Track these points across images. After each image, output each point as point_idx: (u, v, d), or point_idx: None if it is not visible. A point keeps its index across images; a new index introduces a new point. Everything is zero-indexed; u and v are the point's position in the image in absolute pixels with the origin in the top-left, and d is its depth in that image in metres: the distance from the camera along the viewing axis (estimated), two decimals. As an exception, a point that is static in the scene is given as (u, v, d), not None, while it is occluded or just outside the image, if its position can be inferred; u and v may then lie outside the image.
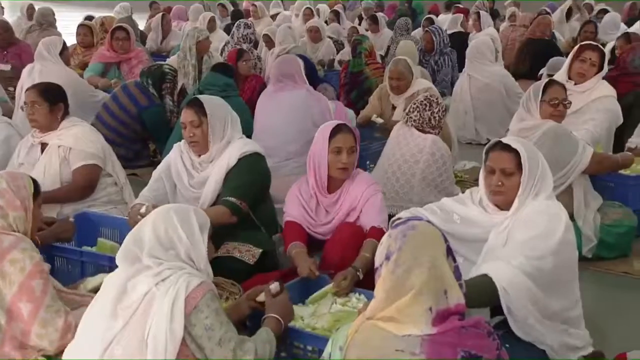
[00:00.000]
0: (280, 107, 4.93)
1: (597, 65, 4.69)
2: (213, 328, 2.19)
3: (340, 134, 3.24)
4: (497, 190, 2.74)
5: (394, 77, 5.38)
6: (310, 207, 3.33)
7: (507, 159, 2.72)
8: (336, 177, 3.28)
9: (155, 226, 2.26)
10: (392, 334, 1.92)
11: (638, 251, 3.99)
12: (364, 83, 6.76)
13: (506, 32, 9.85)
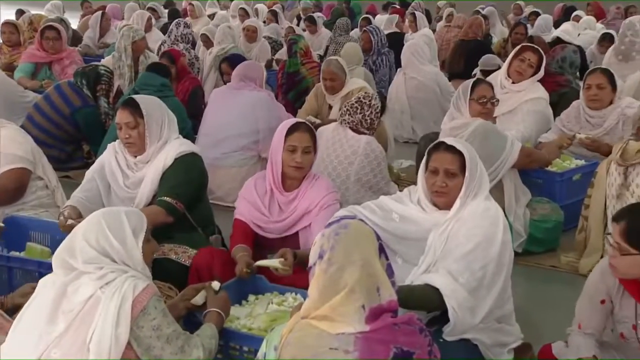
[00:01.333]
0: (238, 103, 5.01)
1: (534, 67, 4.87)
2: (161, 328, 2.20)
3: (297, 132, 3.19)
4: (441, 191, 2.74)
5: (327, 78, 5.44)
6: (264, 203, 3.27)
7: (451, 160, 2.73)
8: (290, 175, 3.24)
9: (86, 236, 2.23)
10: (326, 332, 1.94)
11: (565, 245, 4.11)
12: (301, 83, 6.79)
13: (441, 32, 10.05)
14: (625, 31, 6.89)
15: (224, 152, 4.93)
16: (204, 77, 7.37)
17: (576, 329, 2.59)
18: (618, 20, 10.33)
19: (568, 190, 4.33)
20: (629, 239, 2.32)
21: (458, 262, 2.60)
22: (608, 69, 4.78)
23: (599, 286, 2.53)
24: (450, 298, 2.55)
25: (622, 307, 2.50)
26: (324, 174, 4.27)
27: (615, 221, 2.40)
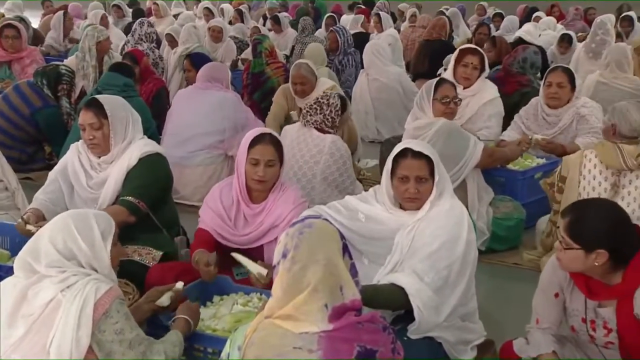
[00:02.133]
0: (204, 102, 4.98)
1: (479, 68, 4.94)
2: (123, 332, 2.17)
3: (260, 145, 3.07)
4: (414, 197, 2.75)
5: (297, 82, 5.43)
6: (230, 215, 3.18)
7: (421, 166, 2.73)
8: (254, 188, 3.15)
9: (52, 239, 2.20)
10: (289, 331, 1.94)
11: (527, 243, 4.18)
12: (266, 83, 6.77)
13: (406, 32, 10.13)
14: (597, 30, 7.07)
15: (190, 150, 4.91)
16: (168, 77, 7.32)
17: (534, 325, 2.63)
18: (577, 21, 10.55)
19: (530, 189, 4.39)
20: (571, 233, 2.36)
21: (423, 262, 2.62)
22: (569, 68, 4.87)
23: (552, 280, 2.58)
24: (416, 297, 2.57)
25: (572, 301, 2.55)
26: (289, 174, 4.29)
27: (562, 216, 2.45)
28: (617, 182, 3.52)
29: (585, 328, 2.52)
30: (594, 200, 2.77)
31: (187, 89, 5.36)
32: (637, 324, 2.39)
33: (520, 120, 4.95)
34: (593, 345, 2.55)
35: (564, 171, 3.69)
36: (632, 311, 2.38)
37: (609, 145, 3.54)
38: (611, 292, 2.42)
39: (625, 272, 2.39)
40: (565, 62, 7.37)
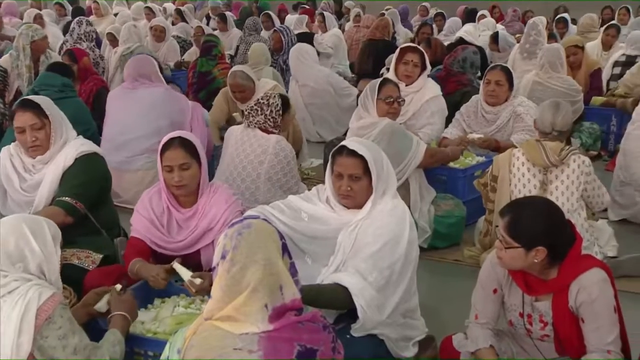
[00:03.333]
0: (136, 103, 4.89)
1: (419, 66, 5.01)
2: (67, 337, 2.14)
3: (170, 150, 3.02)
4: (346, 194, 2.77)
5: (235, 91, 5.43)
6: (162, 222, 3.12)
7: (354, 164, 2.74)
8: (176, 194, 3.10)
9: (3, 239, 2.16)
10: (229, 333, 1.93)
11: (468, 240, 4.26)
12: (213, 83, 6.74)
13: (350, 32, 10.20)
14: (530, 31, 7.24)
15: (127, 155, 4.85)
16: (109, 77, 7.19)
17: (473, 320, 2.68)
18: (515, 22, 10.81)
19: (470, 187, 4.44)
20: (511, 232, 2.42)
21: (366, 261, 2.64)
22: (507, 67, 5.01)
23: (491, 276, 2.63)
24: (359, 297, 2.59)
25: (510, 296, 2.61)
26: (234, 174, 4.27)
27: (501, 216, 2.50)
28: (545, 179, 3.64)
29: (523, 322, 2.59)
30: (530, 199, 2.84)
31: (116, 90, 5.22)
32: (570, 317, 2.46)
33: (461, 118, 5.06)
34: (529, 339, 2.62)
35: (495, 170, 3.80)
36: (567, 304, 2.45)
37: (533, 144, 3.68)
38: (547, 286, 2.49)
39: (560, 267, 2.46)
40: (503, 61, 7.56)
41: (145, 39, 8.12)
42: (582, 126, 5.95)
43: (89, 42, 7.10)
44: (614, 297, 2.46)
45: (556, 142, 3.68)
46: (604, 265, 2.54)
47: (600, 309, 2.40)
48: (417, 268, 2.85)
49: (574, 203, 3.65)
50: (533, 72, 6.08)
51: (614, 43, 7.81)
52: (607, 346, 2.39)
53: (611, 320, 2.41)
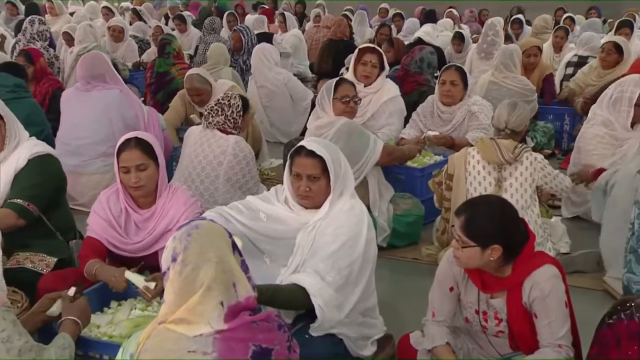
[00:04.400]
0: (89, 106, 4.80)
1: (378, 66, 5.05)
2: (11, 340, 2.09)
3: (126, 151, 2.99)
4: (305, 195, 2.77)
5: (192, 94, 5.39)
6: (120, 223, 3.08)
7: (312, 165, 2.74)
8: (134, 195, 3.07)
9: None
10: (184, 335, 1.91)
11: (426, 238, 4.29)
12: (171, 83, 6.67)
13: (311, 32, 10.23)
14: (487, 31, 7.36)
15: (83, 159, 4.77)
16: (65, 78, 7.07)
17: (430, 318, 2.70)
18: (473, 22, 10.98)
19: (428, 185, 4.52)
20: (467, 232, 2.45)
21: (325, 261, 2.64)
22: (462, 67, 5.07)
23: (447, 274, 2.66)
24: (317, 297, 2.59)
25: (466, 293, 2.64)
26: (192, 175, 4.24)
27: (456, 215, 2.53)
28: (500, 176, 3.71)
29: (478, 319, 2.62)
30: (484, 198, 2.87)
31: (69, 92, 5.08)
32: (524, 313, 2.50)
33: (418, 118, 5.12)
34: (484, 335, 2.66)
35: (450, 169, 3.85)
36: (520, 301, 2.49)
37: (487, 142, 3.76)
38: (502, 284, 2.53)
39: (514, 265, 2.50)
40: (461, 61, 7.66)
41: (103, 39, 8.01)
42: (537, 125, 6.07)
43: (42, 41, 6.97)
44: (566, 292, 2.51)
45: (510, 140, 3.76)
46: (556, 261, 2.59)
47: (552, 305, 2.44)
48: (376, 267, 2.87)
49: (528, 199, 3.72)
50: (489, 72, 6.18)
51: (564, 44, 8.00)
52: (558, 340, 2.43)
53: (563, 315, 2.46)
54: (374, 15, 13.04)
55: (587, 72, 6.35)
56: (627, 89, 4.38)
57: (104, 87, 4.87)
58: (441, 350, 2.61)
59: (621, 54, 6.05)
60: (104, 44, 7.73)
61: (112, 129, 4.77)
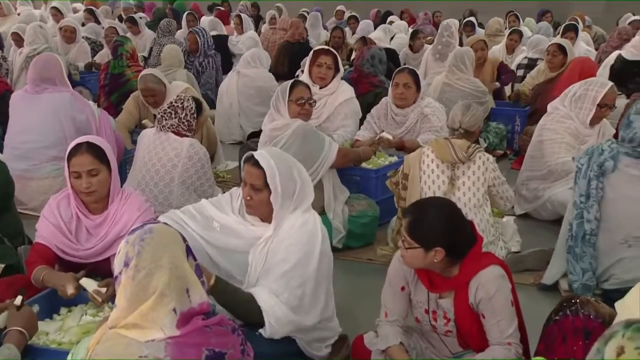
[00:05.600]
0: (39, 109, 4.69)
1: (333, 68, 5.08)
2: None
3: (77, 156, 2.94)
4: (247, 203, 2.76)
5: (147, 95, 5.33)
6: (70, 228, 3.03)
7: (256, 175, 2.71)
8: (86, 200, 3.02)
9: None
10: (135, 340, 1.90)
11: (381, 239, 4.33)
12: (126, 85, 6.59)
13: (267, 34, 10.21)
14: (443, 32, 7.45)
15: (33, 163, 4.66)
16: (14, 80, 6.92)
17: (383, 318, 2.73)
18: (427, 25, 11.11)
19: (383, 186, 4.52)
20: (411, 233, 2.49)
21: (278, 282, 2.64)
22: (414, 70, 5.14)
23: (398, 274, 2.69)
24: (270, 315, 2.61)
25: (416, 293, 2.67)
26: (146, 178, 4.19)
27: (403, 216, 2.57)
28: (453, 175, 3.78)
29: (428, 319, 2.66)
30: (431, 200, 2.90)
31: (19, 94, 4.95)
32: (471, 313, 2.55)
33: (372, 120, 5.17)
34: (435, 334, 2.70)
35: (406, 169, 3.91)
36: (467, 301, 2.54)
37: (442, 142, 3.83)
38: (449, 284, 2.57)
39: (461, 265, 2.54)
40: (417, 62, 7.76)
41: (54, 40, 7.85)
42: (489, 126, 6.18)
43: (-11, 42, 6.82)
44: (512, 291, 2.56)
45: (464, 140, 3.84)
46: (501, 262, 2.64)
47: (499, 304, 2.48)
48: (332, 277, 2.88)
49: (480, 198, 3.79)
50: (443, 73, 6.26)
51: (517, 47, 8.18)
52: (507, 338, 2.48)
53: (510, 314, 2.50)
54: (330, 17, 13.09)
55: (536, 75, 6.52)
56: (592, 88, 4.50)
57: (54, 89, 4.76)
58: (394, 350, 2.64)
59: (566, 55, 6.21)
60: (55, 45, 7.58)
61: (63, 133, 4.67)
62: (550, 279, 3.66)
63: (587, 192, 3.41)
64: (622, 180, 3.38)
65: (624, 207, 3.36)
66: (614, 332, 1.45)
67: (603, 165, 3.40)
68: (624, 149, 3.39)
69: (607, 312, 2.30)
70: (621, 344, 1.41)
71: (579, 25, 8.48)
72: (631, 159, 3.37)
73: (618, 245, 3.38)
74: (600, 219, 3.40)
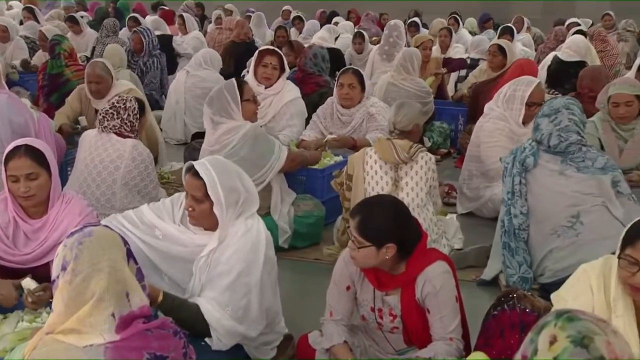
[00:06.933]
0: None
1: (278, 68, 5.10)
2: None
3: (14, 159, 2.85)
4: (189, 214, 2.70)
5: (92, 81, 5.23)
6: (7, 233, 2.93)
7: (196, 186, 2.64)
8: (24, 205, 2.93)
9: None
10: (73, 346, 1.86)
11: (327, 238, 4.33)
12: (66, 85, 6.41)
13: (213, 34, 10.15)
14: (391, 32, 7.52)
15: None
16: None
17: (328, 317, 2.74)
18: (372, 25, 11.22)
19: (329, 186, 4.53)
20: (362, 232, 2.50)
21: (222, 294, 2.60)
22: (359, 70, 5.20)
23: (344, 274, 2.70)
24: (216, 329, 2.58)
25: (362, 292, 2.69)
26: (88, 180, 4.11)
27: (351, 217, 2.58)
28: (396, 176, 3.83)
29: (374, 316, 2.68)
30: (378, 198, 2.93)
31: None
32: (417, 309, 2.58)
33: (318, 120, 5.19)
34: (380, 332, 2.72)
35: (349, 169, 3.94)
36: (414, 297, 2.57)
37: (384, 142, 3.87)
38: (396, 281, 2.60)
39: (408, 262, 2.57)
40: (362, 62, 7.82)
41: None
42: (433, 126, 6.27)
43: None
44: (456, 287, 2.61)
45: (406, 140, 3.88)
46: (447, 257, 2.70)
47: (444, 300, 2.53)
48: (278, 268, 2.87)
49: (423, 198, 3.84)
50: (388, 73, 6.33)
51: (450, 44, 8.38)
52: (449, 334, 2.53)
53: (453, 309, 2.55)
54: (276, 17, 13.08)
55: (478, 74, 6.66)
56: (519, 88, 4.61)
57: None
58: (338, 349, 2.65)
59: (505, 56, 6.35)
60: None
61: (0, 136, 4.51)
62: (489, 275, 3.75)
63: (512, 188, 3.57)
64: (544, 175, 3.56)
65: (549, 199, 3.52)
66: (546, 322, 1.50)
67: (525, 162, 3.58)
68: (542, 147, 3.57)
69: (542, 305, 2.37)
70: (553, 333, 1.46)
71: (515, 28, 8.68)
72: (550, 155, 3.57)
73: (549, 236, 3.51)
74: (530, 213, 3.55)
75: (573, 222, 3.46)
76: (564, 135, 3.52)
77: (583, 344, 1.42)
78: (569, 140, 3.52)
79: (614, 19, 11.11)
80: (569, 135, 3.52)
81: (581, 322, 1.46)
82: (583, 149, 3.55)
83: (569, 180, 3.50)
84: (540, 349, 1.46)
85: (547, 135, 3.55)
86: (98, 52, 8.09)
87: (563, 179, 3.52)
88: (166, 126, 6.74)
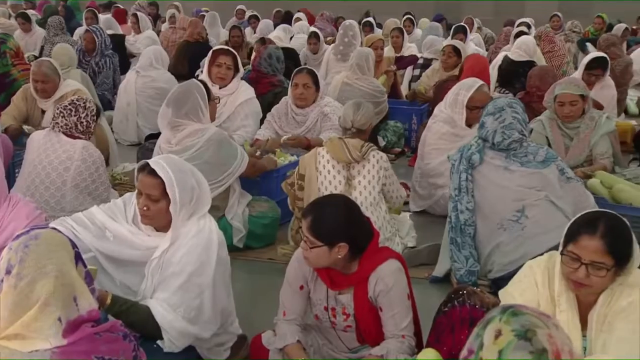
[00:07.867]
0: None
1: (232, 68, 5.09)
2: None
3: None
4: (143, 213, 2.65)
5: (38, 80, 5.13)
6: None
7: (153, 185, 2.59)
8: None
9: None
10: (17, 351, 1.83)
11: (282, 238, 4.34)
12: (12, 85, 6.31)
13: (166, 34, 10.04)
14: (347, 32, 7.54)
15: None
16: None
17: (281, 317, 2.74)
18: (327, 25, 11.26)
19: (282, 186, 4.59)
20: (313, 232, 2.51)
21: (174, 295, 2.57)
22: (313, 70, 5.22)
23: (297, 273, 2.71)
24: (168, 331, 2.55)
25: (315, 291, 2.70)
26: (36, 182, 4.03)
27: (303, 217, 2.58)
28: (349, 175, 3.86)
29: (327, 315, 2.69)
30: (329, 198, 2.94)
31: None
32: (370, 307, 2.60)
33: (272, 119, 5.20)
34: (333, 331, 2.74)
35: (301, 169, 3.95)
36: (366, 295, 2.59)
37: (336, 141, 3.90)
38: (349, 280, 2.62)
39: (360, 261, 2.59)
40: (317, 62, 7.84)
41: None
42: (387, 125, 6.33)
43: None
44: (408, 285, 2.64)
45: (357, 139, 3.91)
46: (399, 255, 2.72)
47: (396, 297, 2.55)
48: (232, 268, 2.86)
49: (376, 196, 3.88)
50: (342, 73, 6.37)
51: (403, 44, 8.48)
52: (402, 331, 2.55)
53: (405, 307, 2.58)
54: (231, 16, 13.01)
55: (431, 74, 6.76)
56: (461, 92, 4.70)
57: None
58: (292, 349, 2.65)
59: (459, 56, 6.45)
60: None
61: None
62: (441, 271, 3.81)
63: (459, 185, 3.65)
64: (490, 171, 3.64)
65: (495, 194, 3.61)
66: (491, 317, 1.54)
67: (471, 159, 3.66)
68: (487, 144, 3.67)
69: (491, 301, 2.42)
70: (498, 328, 1.51)
71: (474, 25, 8.85)
72: (495, 152, 3.67)
73: (495, 230, 3.58)
74: (477, 209, 3.63)
75: (518, 216, 3.54)
76: (507, 132, 3.62)
77: (526, 337, 1.47)
78: (512, 137, 3.61)
79: (562, 20, 11.38)
80: (512, 133, 3.62)
81: (525, 316, 1.51)
82: (524, 144, 3.66)
83: (514, 175, 3.59)
84: (485, 343, 1.50)
85: (492, 133, 3.64)
86: (47, 51, 7.95)
87: (508, 173, 3.60)
88: (118, 127, 6.64)
